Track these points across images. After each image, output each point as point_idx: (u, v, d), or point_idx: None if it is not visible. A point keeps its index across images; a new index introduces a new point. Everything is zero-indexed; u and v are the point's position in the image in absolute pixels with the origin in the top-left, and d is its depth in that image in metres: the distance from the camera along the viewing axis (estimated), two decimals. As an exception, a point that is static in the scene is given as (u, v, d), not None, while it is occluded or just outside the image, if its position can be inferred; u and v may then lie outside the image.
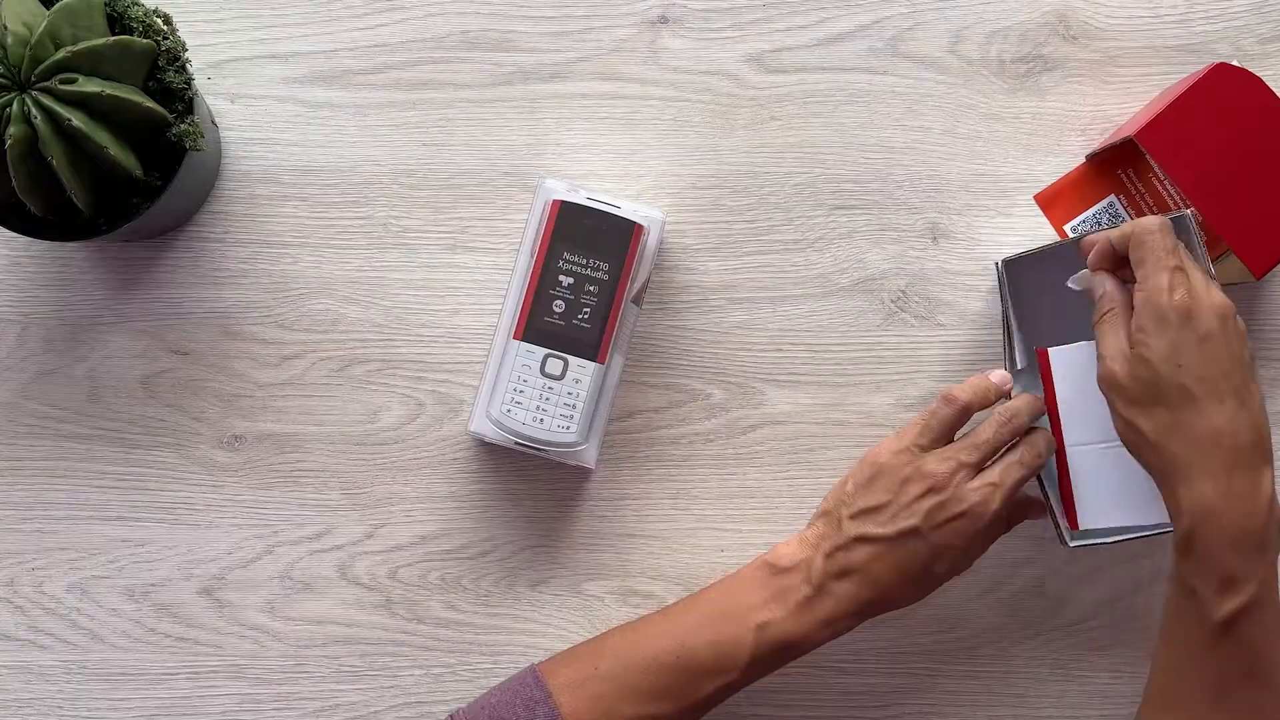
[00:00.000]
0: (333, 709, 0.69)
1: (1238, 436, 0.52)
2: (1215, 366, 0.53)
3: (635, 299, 0.67)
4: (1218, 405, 0.53)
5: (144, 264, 0.70)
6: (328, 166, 0.71)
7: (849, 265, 0.71)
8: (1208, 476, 0.52)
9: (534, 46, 0.71)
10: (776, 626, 0.59)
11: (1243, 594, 0.52)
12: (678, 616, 0.61)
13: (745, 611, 0.59)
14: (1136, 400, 0.55)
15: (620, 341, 0.67)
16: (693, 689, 0.58)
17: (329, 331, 0.70)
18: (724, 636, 0.59)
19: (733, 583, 0.62)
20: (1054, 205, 0.70)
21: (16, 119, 0.57)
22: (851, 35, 0.71)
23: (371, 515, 0.70)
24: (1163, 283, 0.54)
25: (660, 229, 0.67)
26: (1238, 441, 0.52)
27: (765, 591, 0.60)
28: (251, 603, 0.69)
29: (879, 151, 0.71)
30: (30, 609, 0.69)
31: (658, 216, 0.67)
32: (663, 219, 0.68)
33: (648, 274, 0.67)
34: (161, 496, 0.69)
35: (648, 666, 0.59)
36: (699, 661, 0.59)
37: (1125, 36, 0.71)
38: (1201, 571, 0.53)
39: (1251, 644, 0.53)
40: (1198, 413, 0.53)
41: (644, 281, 0.67)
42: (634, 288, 0.66)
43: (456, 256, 0.70)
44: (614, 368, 0.67)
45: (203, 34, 0.70)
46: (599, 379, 0.66)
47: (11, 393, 0.70)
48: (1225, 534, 0.52)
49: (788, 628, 0.59)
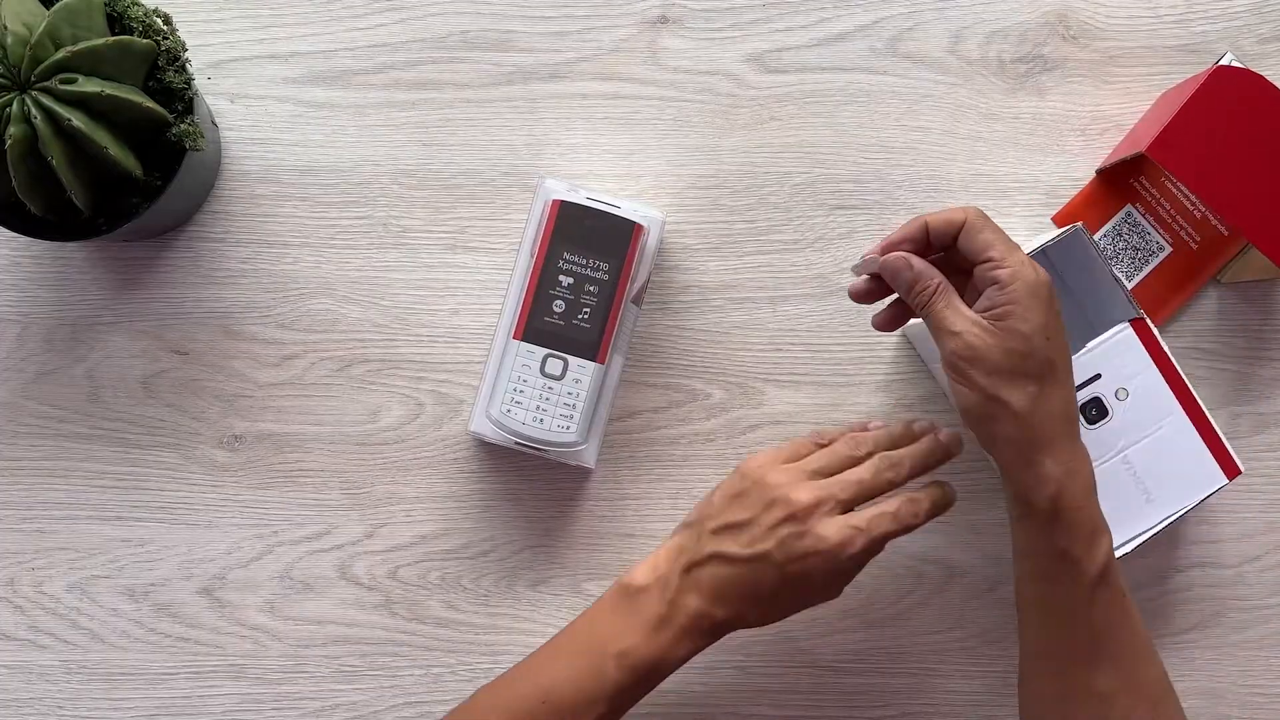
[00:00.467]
0: (333, 709, 0.69)
1: (1073, 401, 0.56)
2: (1064, 337, 0.55)
3: (635, 299, 0.67)
4: (1067, 374, 0.56)
5: (144, 264, 0.70)
6: (328, 166, 0.71)
7: (849, 265, 0.71)
8: (1066, 440, 0.55)
9: (534, 46, 0.71)
10: (635, 653, 0.56)
11: (1106, 536, 0.56)
12: (542, 660, 0.59)
13: (603, 642, 0.57)
14: (1002, 372, 0.54)
15: (620, 342, 0.67)
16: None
17: (329, 331, 0.70)
18: (585, 672, 0.56)
19: (592, 612, 0.59)
20: (1071, 223, 0.70)
21: (16, 119, 0.57)
22: (851, 35, 0.71)
23: (371, 515, 0.70)
24: (1024, 258, 0.55)
25: (660, 229, 0.67)
26: (1075, 405, 0.56)
27: (621, 617, 0.57)
28: (251, 603, 0.69)
29: (879, 151, 0.71)
30: (30, 609, 0.69)
31: (657, 216, 0.67)
32: (662, 219, 0.68)
33: (648, 274, 0.67)
34: (161, 496, 0.69)
35: (517, 718, 0.57)
36: (567, 702, 0.56)
37: (1125, 36, 0.71)
38: (1071, 531, 0.55)
39: (1120, 586, 0.56)
40: (1057, 383, 0.55)
41: (644, 281, 0.67)
42: (634, 288, 0.66)
43: (456, 256, 0.70)
44: (614, 368, 0.67)
45: (203, 34, 0.70)
46: (599, 379, 0.66)
47: (11, 393, 0.70)
48: (1084, 490, 0.55)
49: (645, 652, 0.56)
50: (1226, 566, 0.70)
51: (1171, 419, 0.65)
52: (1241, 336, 0.71)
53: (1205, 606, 0.70)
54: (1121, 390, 0.65)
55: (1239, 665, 0.70)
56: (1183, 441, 0.64)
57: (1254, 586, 0.70)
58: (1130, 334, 0.64)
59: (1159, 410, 0.65)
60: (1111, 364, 0.64)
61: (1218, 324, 0.71)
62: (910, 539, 0.69)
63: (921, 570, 0.70)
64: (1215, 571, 0.70)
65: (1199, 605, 0.70)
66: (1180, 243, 0.71)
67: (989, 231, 0.56)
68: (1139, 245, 0.71)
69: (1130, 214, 0.71)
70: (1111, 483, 0.64)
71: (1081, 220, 0.71)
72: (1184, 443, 0.64)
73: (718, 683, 0.69)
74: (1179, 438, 0.65)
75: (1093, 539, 0.55)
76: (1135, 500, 0.64)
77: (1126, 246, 0.71)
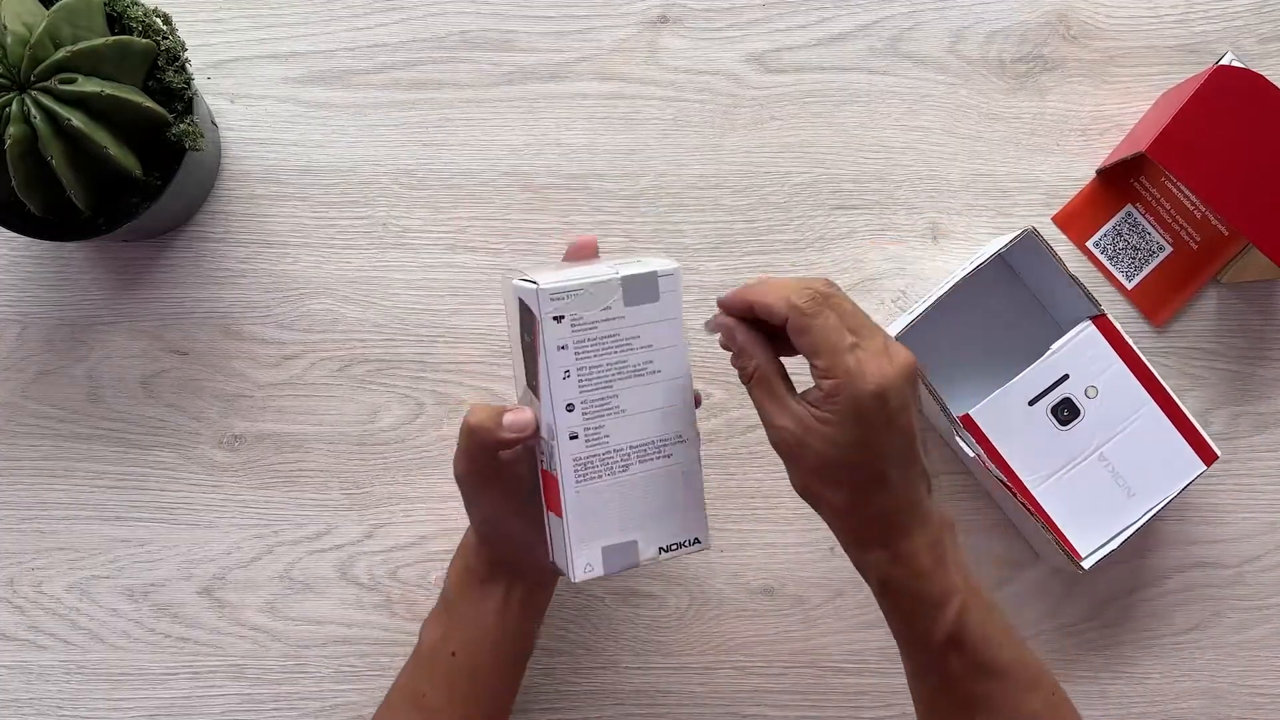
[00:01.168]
0: (333, 709, 0.69)
1: (912, 496, 0.50)
2: (903, 438, 0.49)
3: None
4: (903, 479, 0.49)
5: (144, 264, 0.70)
6: (328, 166, 0.71)
7: (849, 265, 0.71)
8: (893, 534, 0.50)
9: (534, 46, 0.71)
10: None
11: (956, 599, 0.50)
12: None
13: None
14: (817, 472, 0.50)
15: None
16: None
17: (329, 331, 0.70)
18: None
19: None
20: (1072, 224, 0.71)
21: (16, 119, 0.57)
22: (851, 35, 0.71)
23: (371, 515, 0.70)
24: (853, 365, 0.47)
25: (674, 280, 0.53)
26: (912, 499, 0.50)
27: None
28: (251, 603, 0.69)
29: (879, 151, 0.71)
30: (30, 609, 0.69)
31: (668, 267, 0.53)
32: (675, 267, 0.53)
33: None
34: (161, 496, 0.69)
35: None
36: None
37: (1125, 36, 0.71)
38: (903, 606, 0.51)
39: (976, 641, 0.51)
40: (884, 489, 0.49)
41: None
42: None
43: (456, 256, 0.70)
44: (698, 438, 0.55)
45: (203, 34, 0.70)
46: (695, 451, 0.54)
47: (11, 393, 0.70)
48: (917, 571, 0.50)
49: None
50: (1226, 566, 0.70)
51: (1143, 411, 0.65)
52: (1241, 336, 0.71)
53: (1205, 606, 0.70)
54: (1091, 388, 0.65)
55: (1239, 665, 0.70)
56: (1157, 432, 0.65)
57: (1254, 586, 0.70)
58: (1093, 331, 0.65)
59: (1130, 404, 0.65)
60: (1078, 363, 0.65)
61: (1218, 324, 0.71)
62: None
63: (921, 570, 0.70)
64: (1215, 571, 0.70)
65: (1199, 605, 0.70)
66: (1181, 243, 0.71)
67: (814, 334, 0.48)
68: (1139, 245, 0.71)
69: (1130, 214, 0.71)
70: (1090, 482, 0.65)
71: (1082, 220, 0.71)
72: (1158, 434, 0.65)
73: (718, 683, 0.69)
74: (1153, 429, 0.65)
75: (935, 609, 0.50)
76: (1116, 497, 0.65)
77: (1127, 246, 0.71)
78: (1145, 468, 0.65)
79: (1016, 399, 0.65)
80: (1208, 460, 0.65)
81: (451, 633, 0.59)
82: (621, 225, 0.71)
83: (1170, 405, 0.65)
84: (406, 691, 0.60)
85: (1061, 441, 0.65)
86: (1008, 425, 0.65)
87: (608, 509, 0.52)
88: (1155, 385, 0.65)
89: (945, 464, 0.70)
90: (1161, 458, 0.65)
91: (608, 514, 0.52)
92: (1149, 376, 0.65)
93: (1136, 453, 0.65)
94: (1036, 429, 0.65)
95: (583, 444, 0.51)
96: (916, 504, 0.50)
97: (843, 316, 0.49)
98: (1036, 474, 0.65)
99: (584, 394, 0.51)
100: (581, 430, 0.51)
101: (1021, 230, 0.64)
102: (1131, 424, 0.65)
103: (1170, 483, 0.65)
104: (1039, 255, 0.65)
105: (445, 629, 0.59)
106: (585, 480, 0.51)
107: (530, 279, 0.50)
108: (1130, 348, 0.65)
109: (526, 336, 0.52)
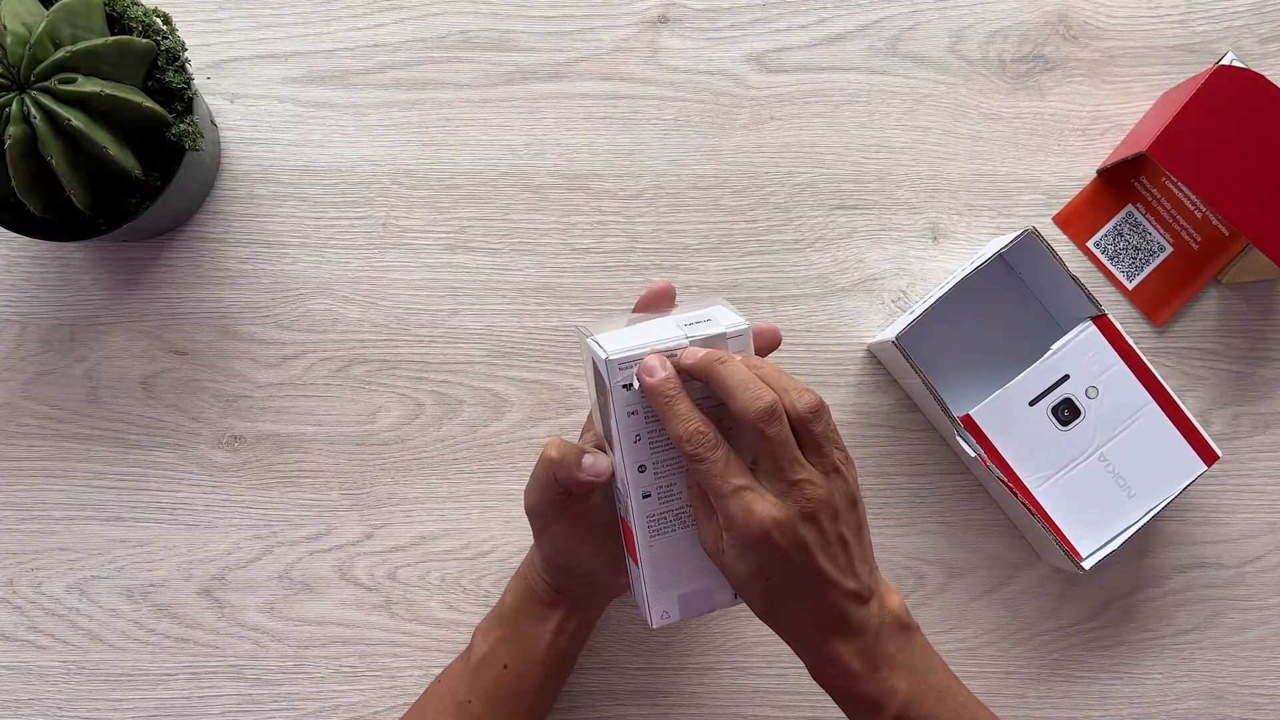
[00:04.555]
0: (333, 709, 0.69)
1: (833, 615, 0.50)
2: (804, 574, 0.49)
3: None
4: (815, 600, 0.50)
5: (144, 264, 0.70)
6: (327, 166, 0.70)
7: (849, 265, 0.71)
8: (813, 650, 0.51)
9: (534, 46, 0.71)
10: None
11: (901, 686, 0.50)
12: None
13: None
14: (736, 581, 0.50)
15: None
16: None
17: (329, 331, 0.70)
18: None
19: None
20: (1072, 224, 0.71)
21: (16, 119, 0.57)
22: (851, 35, 0.71)
23: (371, 515, 0.70)
24: (731, 512, 0.48)
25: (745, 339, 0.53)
26: (838, 615, 0.50)
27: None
28: (251, 603, 0.69)
29: (879, 151, 0.71)
30: (30, 609, 0.69)
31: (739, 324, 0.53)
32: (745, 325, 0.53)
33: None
34: (161, 497, 0.69)
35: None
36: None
37: (1125, 36, 0.71)
38: (840, 695, 0.52)
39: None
40: (800, 609, 0.50)
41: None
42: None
43: (456, 256, 0.70)
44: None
45: (203, 34, 0.70)
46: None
47: (11, 393, 0.70)
48: (848, 671, 0.50)
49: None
50: (1226, 567, 0.70)
51: (1144, 411, 0.65)
52: (1242, 337, 0.71)
53: (1205, 607, 0.70)
54: (1092, 389, 0.65)
55: (1240, 666, 0.70)
56: (1158, 433, 0.65)
57: (1254, 587, 0.70)
58: (1094, 331, 0.65)
59: (1131, 404, 0.65)
60: (1079, 363, 0.65)
61: (1218, 324, 0.71)
62: (910, 540, 0.70)
63: (922, 571, 0.70)
64: (1215, 571, 0.70)
65: (1199, 605, 0.70)
66: (1181, 243, 0.71)
67: (708, 467, 0.48)
68: (1140, 245, 0.71)
69: (1131, 214, 0.71)
70: (1091, 482, 0.65)
71: (1082, 220, 0.71)
72: (1159, 434, 0.65)
73: (718, 683, 0.69)
74: (1154, 430, 0.65)
75: (870, 711, 0.51)
76: (1117, 497, 0.65)
77: (1127, 246, 0.71)
78: (1146, 468, 0.65)
79: (1017, 399, 0.65)
80: (1208, 460, 0.65)
81: (502, 647, 0.61)
82: (621, 225, 0.71)
83: (1171, 405, 0.65)
84: (450, 697, 0.61)
85: (1062, 442, 0.65)
86: (1008, 425, 0.65)
87: (683, 559, 0.53)
88: (1156, 385, 0.65)
89: (945, 464, 0.70)
90: (1162, 458, 0.65)
91: (683, 564, 0.53)
92: (1149, 377, 0.65)
93: (1137, 453, 0.65)
94: (1037, 429, 0.65)
95: (655, 501, 0.52)
96: (843, 620, 0.50)
97: (783, 446, 0.48)
98: (1037, 474, 0.65)
99: (654, 455, 0.51)
100: (654, 490, 0.52)
101: (1022, 230, 0.64)
102: (1132, 424, 0.65)
103: (1171, 483, 0.65)
104: (1039, 255, 0.65)
105: (497, 642, 0.61)
106: (659, 534, 0.52)
107: (600, 342, 0.51)
108: (1131, 348, 0.65)
109: (601, 397, 0.52)
